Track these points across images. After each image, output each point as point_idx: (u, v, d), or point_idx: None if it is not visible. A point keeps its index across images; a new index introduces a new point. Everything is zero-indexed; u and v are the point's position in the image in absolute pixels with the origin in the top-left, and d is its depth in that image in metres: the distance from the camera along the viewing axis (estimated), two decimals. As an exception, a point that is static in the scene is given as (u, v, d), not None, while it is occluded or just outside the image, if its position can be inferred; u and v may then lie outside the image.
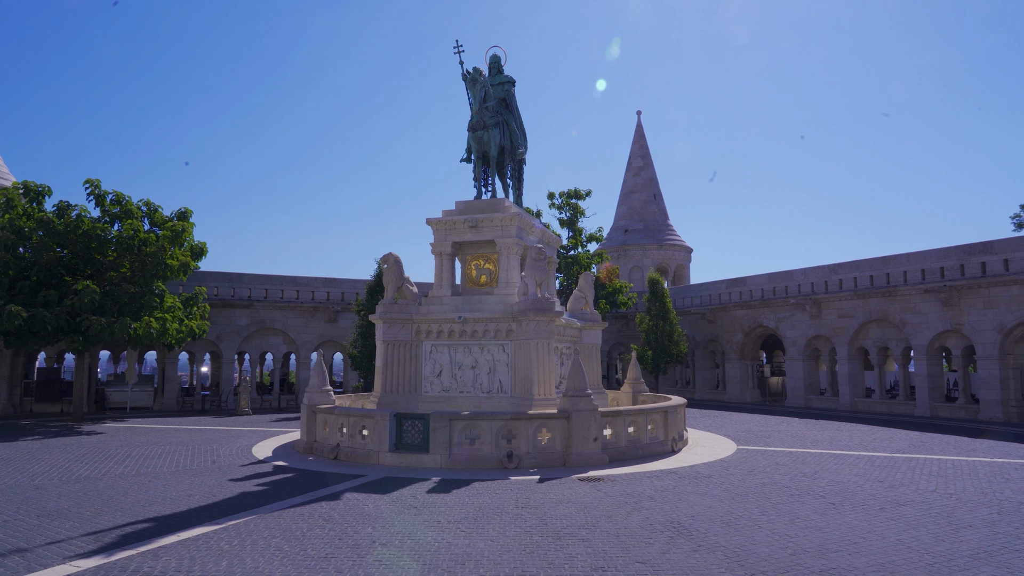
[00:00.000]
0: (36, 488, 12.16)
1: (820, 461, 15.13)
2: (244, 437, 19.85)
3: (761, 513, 10.06)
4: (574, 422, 14.74)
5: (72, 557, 7.90)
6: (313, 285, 34.81)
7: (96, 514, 10.08)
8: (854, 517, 9.82)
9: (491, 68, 20.43)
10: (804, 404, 31.91)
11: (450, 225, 18.66)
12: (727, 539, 8.62)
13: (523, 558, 7.83)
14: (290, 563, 7.67)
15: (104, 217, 25.32)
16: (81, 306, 22.85)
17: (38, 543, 8.49)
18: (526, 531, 9.04)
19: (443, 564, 7.61)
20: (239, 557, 7.88)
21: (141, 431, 21.64)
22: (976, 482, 12.54)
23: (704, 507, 10.46)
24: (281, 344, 34.39)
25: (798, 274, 32.60)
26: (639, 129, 49.56)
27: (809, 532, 8.97)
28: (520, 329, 16.98)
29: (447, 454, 14.47)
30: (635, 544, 8.37)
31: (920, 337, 26.99)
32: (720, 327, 37.00)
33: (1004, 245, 24.85)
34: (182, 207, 26.75)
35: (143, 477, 13.26)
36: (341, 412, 15.97)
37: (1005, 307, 24.34)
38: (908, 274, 27.55)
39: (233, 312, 32.70)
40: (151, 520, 9.72)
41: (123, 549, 8.19)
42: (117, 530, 9.14)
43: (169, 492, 11.76)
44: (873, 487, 12.08)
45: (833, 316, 30.75)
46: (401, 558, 7.86)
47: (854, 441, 18.97)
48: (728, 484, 12.38)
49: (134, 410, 29.60)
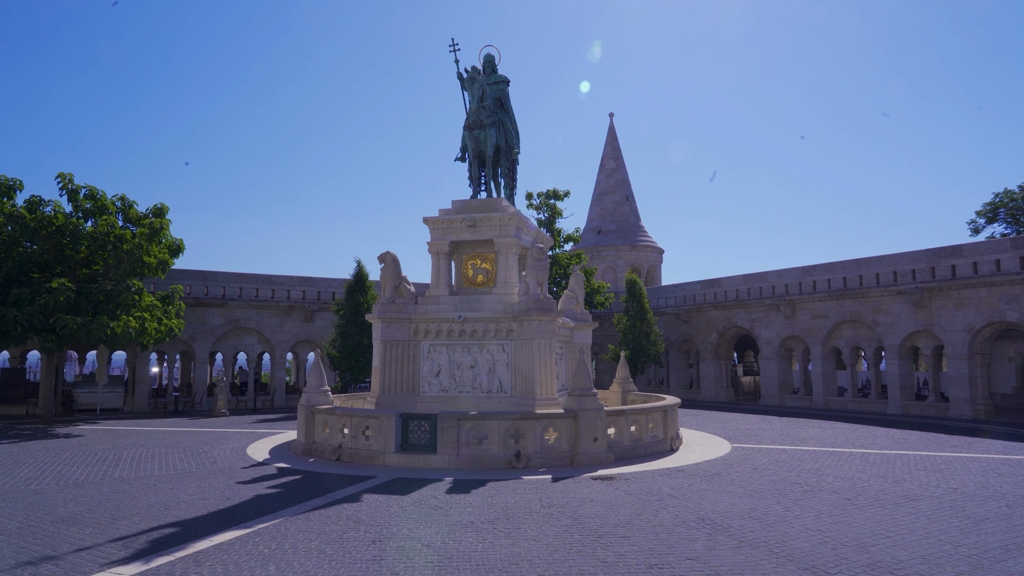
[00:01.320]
0: (36, 493, 11.68)
1: (818, 458, 15.51)
2: (233, 439, 19.38)
3: (785, 509, 10.27)
4: (581, 421, 14.81)
5: (108, 564, 7.62)
6: (289, 284, 34.19)
7: (112, 519, 9.73)
8: (874, 512, 10.10)
9: (485, 67, 20.34)
10: (778, 403, 32.64)
11: (447, 224, 18.55)
12: (764, 535, 8.78)
13: (574, 557, 7.84)
14: (340, 566, 7.54)
15: (77, 212, 24.44)
16: (56, 305, 22.00)
17: (65, 550, 8.16)
18: (564, 530, 9.05)
19: (497, 565, 7.57)
20: (286, 561, 7.71)
21: (120, 433, 20.94)
22: (972, 477, 13.02)
23: (727, 504, 10.63)
24: (256, 344, 33.68)
25: (773, 275, 33.34)
26: (611, 131, 50.04)
27: (838, 527, 9.19)
28: (521, 329, 16.98)
29: (455, 454, 14.38)
30: (678, 541, 8.46)
31: (892, 337, 27.88)
32: (694, 327, 37.60)
33: (973, 249, 25.85)
34: (157, 203, 26.00)
35: (145, 481, 12.84)
36: (343, 413, 15.74)
37: (974, 308, 25.31)
38: (880, 276, 28.43)
39: (207, 311, 31.88)
40: (174, 525, 9.42)
41: (158, 555, 7.93)
42: (143, 536, 8.84)
43: (179, 496, 11.43)
44: (878, 483, 12.44)
45: (807, 317, 31.54)
46: (451, 560, 7.79)
47: (840, 438, 19.49)
48: (740, 482, 12.60)
49: (104, 412, 28.61)
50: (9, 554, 8.02)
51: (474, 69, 18.87)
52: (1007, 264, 24.48)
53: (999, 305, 24.61)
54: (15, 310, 21.77)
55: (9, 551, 8.14)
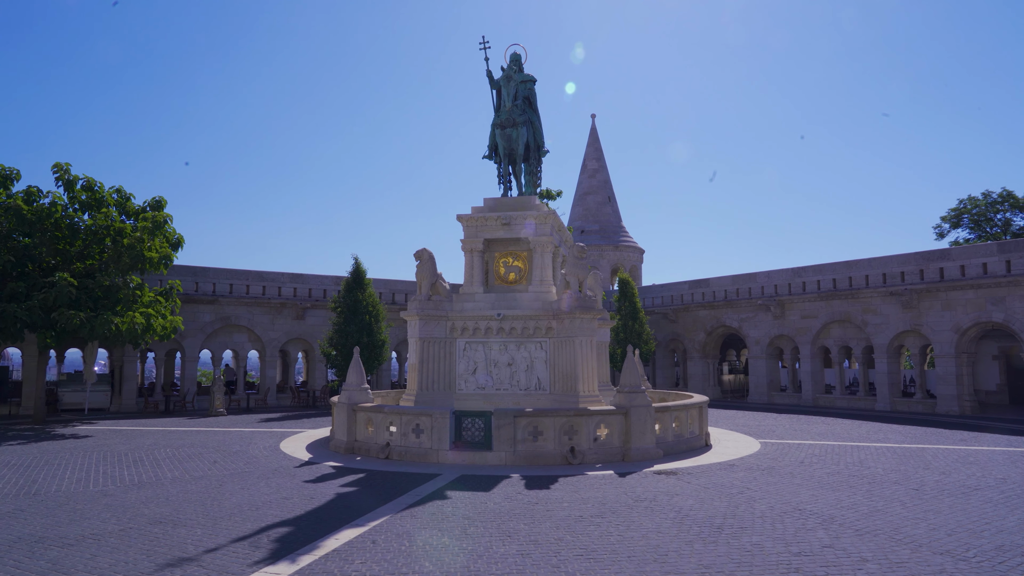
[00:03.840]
0: (104, 495, 11.26)
1: (849, 452, 16.09)
2: (258, 438, 18.95)
3: (867, 500, 10.68)
4: (632, 418, 15.04)
5: (255, 564, 7.46)
6: (280, 280, 33.49)
7: (211, 520, 9.48)
8: (951, 501, 10.59)
9: (511, 66, 20.41)
10: (767, 400, 33.58)
11: (482, 221, 18.55)
12: (870, 523, 9.12)
13: (715, 548, 8.01)
14: (491, 561, 7.55)
15: (73, 204, 23.48)
16: (57, 300, 21.09)
17: (193, 552, 7.93)
18: (677, 523, 9.23)
19: (648, 557, 7.70)
20: (437, 558, 7.67)
21: (131, 434, 20.23)
22: (1006, 468, 13.71)
23: (808, 496, 10.98)
24: (246, 342, 32.89)
25: (762, 276, 34.26)
26: (593, 132, 50.57)
27: (932, 515, 9.62)
28: (562, 327, 17.11)
29: (511, 451, 14.43)
30: (799, 531, 8.73)
31: (881, 337, 29.02)
32: (682, 326, 38.34)
33: (960, 252, 27.13)
34: (156, 196, 25.15)
35: (205, 481, 12.50)
36: (391, 411, 15.60)
37: (961, 309, 26.57)
38: (870, 278, 29.56)
39: (197, 308, 30.97)
40: (282, 524, 9.25)
41: (297, 554, 7.80)
42: (261, 535, 8.66)
43: (257, 496, 11.18)
44: (928, 475, 13.00)
45: (796, 316, 32.54)
46: (597, 553, 7.87)
47: (852, 433, 20.22)
48: (799, 475, 13.00)
49: (91, 412, 27.53)
50: (138, 556, 7.76)
51: (510, 67, 18.94)
52: (993, 267, 25.77)
53: (985, 306, 25.89)
54: (15, 305, 20.80)
55: (135, 554, 7.87)
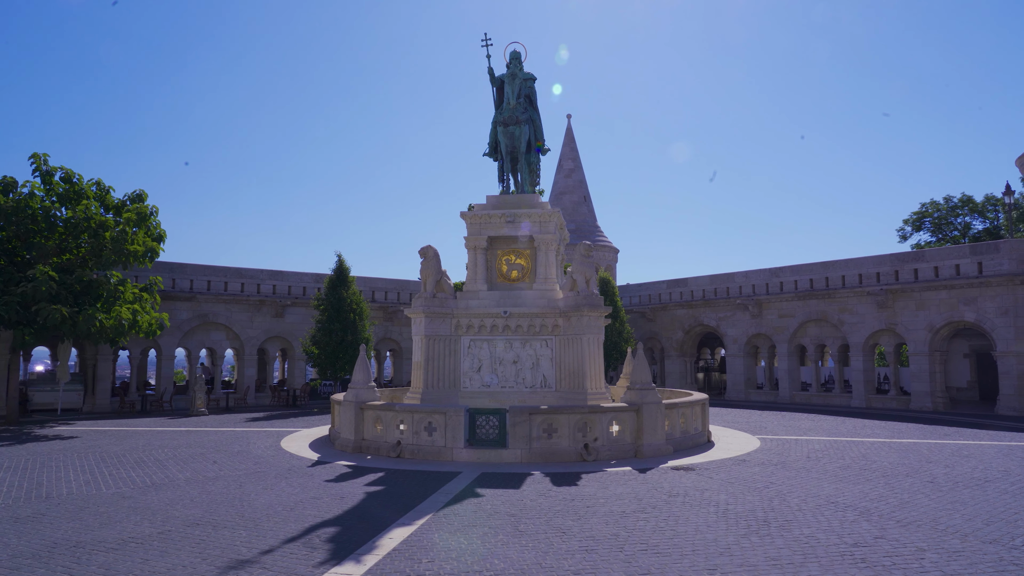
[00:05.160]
0: (122, 497, 10.87)
1: (849, 447, 16.52)
2: (254, 438, 18.52)
3: (890, 492, 10.98)
4: (644, 414, 15.17)
5: (320, 565, 7.30)
6: (259, 277, 32.80)
7: (250, 522, 9.23)
8: (971, 493, 10.97)
9: (514, 64, 20.37)
10: (744, 397, 34.24)
11: (485, 219, 18.48)
12: (906, 514, 9.39)
13: (770, 541, 8.13)
14: (561, 557, 7.53)
15: (51, 196, 22.59)
16: (37, 294, 20.26)
17: (248, 554, 7.72)
18: (721, 517, 9.34)
19: (711, 551, 7.77)
20: (502, 555, 7.62)
21: (119, 435, 19.56)
22: (1004, 461, 14.26)
23: (833, 490, 11.23)
24: (224, 340, 32.12)
25: (740, 276, 34.92)
26: (569, 132, 50.80)
27: (960, 506, 9.94)
28: (569, 324, 17.16)
29: (527, 448, 14.42)
30: (843, 524, 8.92)
31: (857, 335, 29.87)
32: (659, 325, 38.83)
33: (934, 254, 28.11)
34: (137, 189, 24.35)
35: (222, 482, 12.17)
36: (403, 409, 15.41)
37: (935, 309, 27.52)
38: (846, 278, 30.41)
39: (174, 305, 30.08)
40: (325, 524, 9.07)
41: (358, 554, 7.65)
42: (311, 535, 8.47)
43: (284, 496, 10.93)
44: (934, 468, 13.44)
45: (774, 316, 33.26)
46: (662, 547, 7.92)
47: (840, 429, 20.78)
48: (812, 469, 13.29)
49: (64, 412, 26.52)
50: (193, 559, 7.51)
51: (514, 64, 18.89)
52: (966, 269, 26.77)
53: (958, 306, 26.87)
54: (-8, 300, 19.93)
55: (187, 556, 7.62)
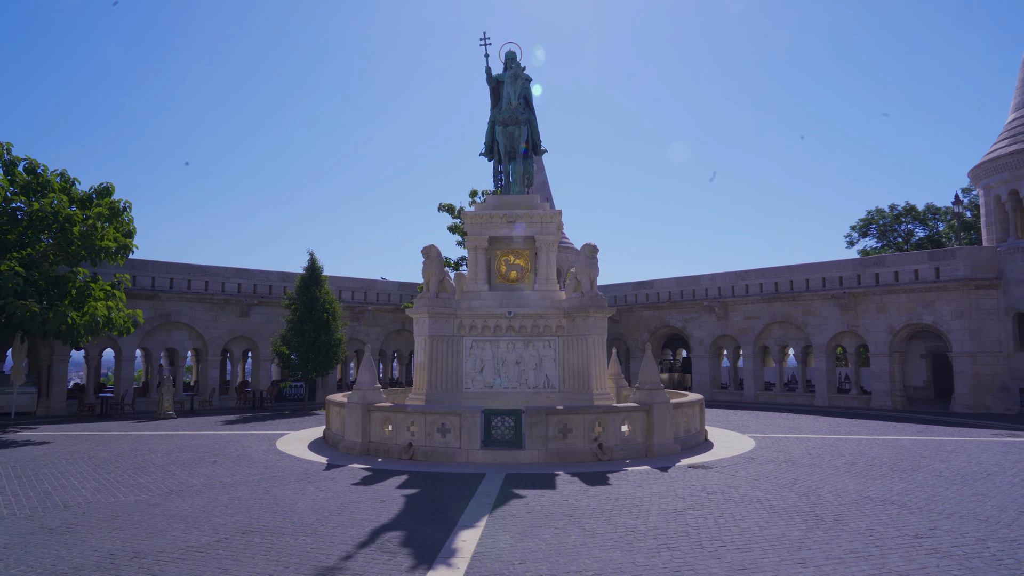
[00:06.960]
0: (146, 504, 10.33)
1: (841, 445, 17.16)
2: (245, 441, 17.86)
3: (912, 486, 11.47)
4: (655, 414, 15.37)
5: (409, 570, 7.12)
6: (224, 276, 31.66)
7: (306, 528, 8.93)
8: (982, 486, 11.56)
9: (507, 64, 20.33)
10: (710, 397, 34.96)
11: (486, 219, 18.37)
12: (943, 507, 9.82)
13: (836, 535, 8.37)
14: (649, 555, 7.56)
15: (12, 188, 21.27)
16: (3, 290, 19.03)
17: (328, 561, 7.46)
18: (772, 514, 9.56)
19: (787, 545, 7.94)
20: (590, 555, 7.59)
21: (96, 440, 18.54)
22: (992, 456, 15.09)
23: (856, 485, 11.65)
24: (187, 340, 30.86)
25: (706, 279, 35.78)
26: (531, 134, 50.96)
27: (982, 498, 10.47)
28: (574, 325, 17.24)
29: (544, 448, 14.40)
30: (891, 516, 9.26)
31: (820, 337, 31.04)
32: (625, 326, 39.40)
33: (895, 259, 29.47)
34: (104, 182, 23.13)
35: (244, 487, 11.71)
36: (415, 411, 15.15)
37: (895, 311, 28.86)
38: (811, 281, 31.55)
39: (135, 304, 28.56)
40: (385, 528, 8.86)
41: (444, 559, 7.52)
42: (378, 539, 8.26)
43: (320, 501, 10.62)
44: (928, 463, 14.08)
45: (739, 317, 34.21)
46: (736, 542, 8.05)
47: (819, 427, 21.55)
48: (823, 465, 13.74)
49: (17, 416, 24.98)
50: (274, 568, 7.21)
51: (516, 65, 18.85)
52: (924, 273, 28.17)
53: (916, 309, 28.25)
54: (-48, 298, 18.62)
55: (265, 564, 7.31)
